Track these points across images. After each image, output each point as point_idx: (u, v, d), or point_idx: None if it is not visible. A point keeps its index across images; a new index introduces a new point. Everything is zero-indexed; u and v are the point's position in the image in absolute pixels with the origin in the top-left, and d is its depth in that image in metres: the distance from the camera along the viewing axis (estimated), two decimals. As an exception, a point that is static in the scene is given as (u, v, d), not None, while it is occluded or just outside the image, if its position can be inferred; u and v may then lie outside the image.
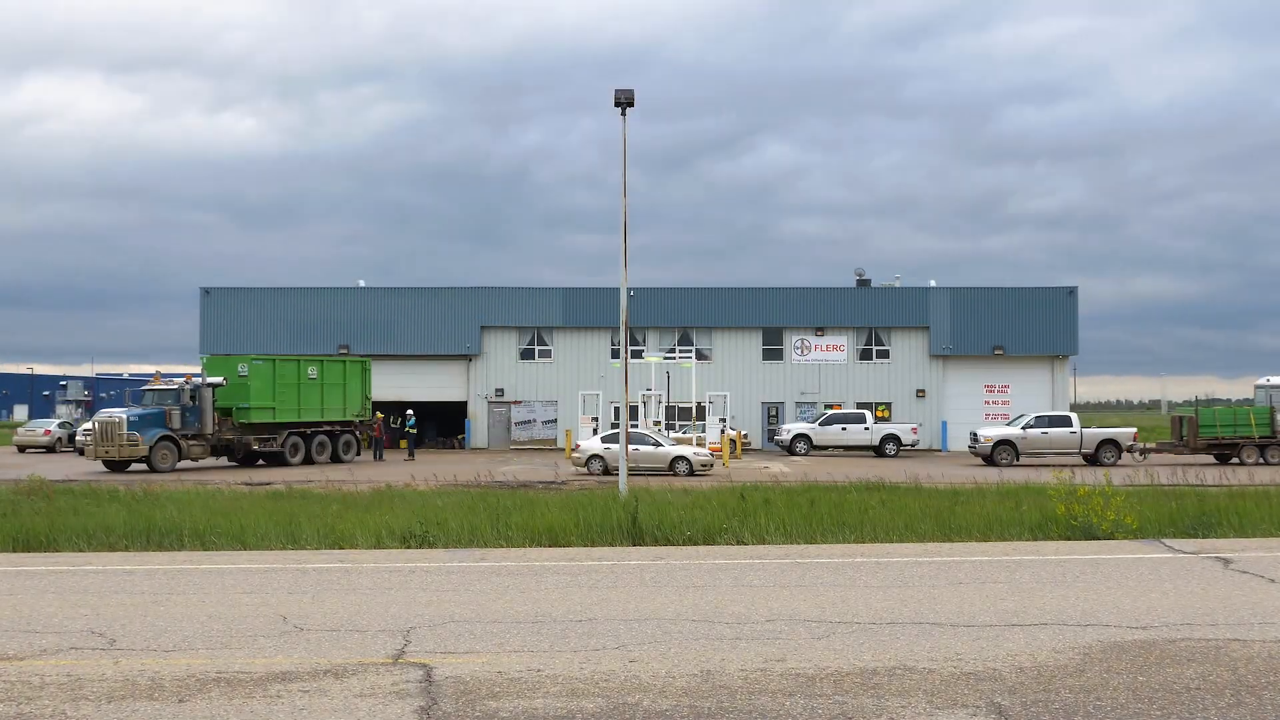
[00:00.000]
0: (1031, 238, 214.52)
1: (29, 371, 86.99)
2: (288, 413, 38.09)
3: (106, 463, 34.92)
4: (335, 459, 39.31)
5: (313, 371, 39.24)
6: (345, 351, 48.73)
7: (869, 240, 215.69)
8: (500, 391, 51.82)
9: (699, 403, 45.97)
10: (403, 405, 47.89)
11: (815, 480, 25.91)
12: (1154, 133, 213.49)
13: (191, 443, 35.82)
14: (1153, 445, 40.83)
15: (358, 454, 40.62)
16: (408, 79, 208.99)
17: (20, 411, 75.99)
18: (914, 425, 45.78)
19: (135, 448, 34.42)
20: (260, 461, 37.78)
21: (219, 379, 37.14)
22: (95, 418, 36.51)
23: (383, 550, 13.52)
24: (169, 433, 35.25)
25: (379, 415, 42.52)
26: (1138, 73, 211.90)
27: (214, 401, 36.43)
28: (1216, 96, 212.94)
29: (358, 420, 40.76)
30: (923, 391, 51.50)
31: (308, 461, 38.18)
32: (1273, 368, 63.99)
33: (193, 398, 36.06)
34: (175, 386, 36.74)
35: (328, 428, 39.48)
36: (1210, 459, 38.16)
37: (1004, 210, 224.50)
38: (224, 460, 38.05)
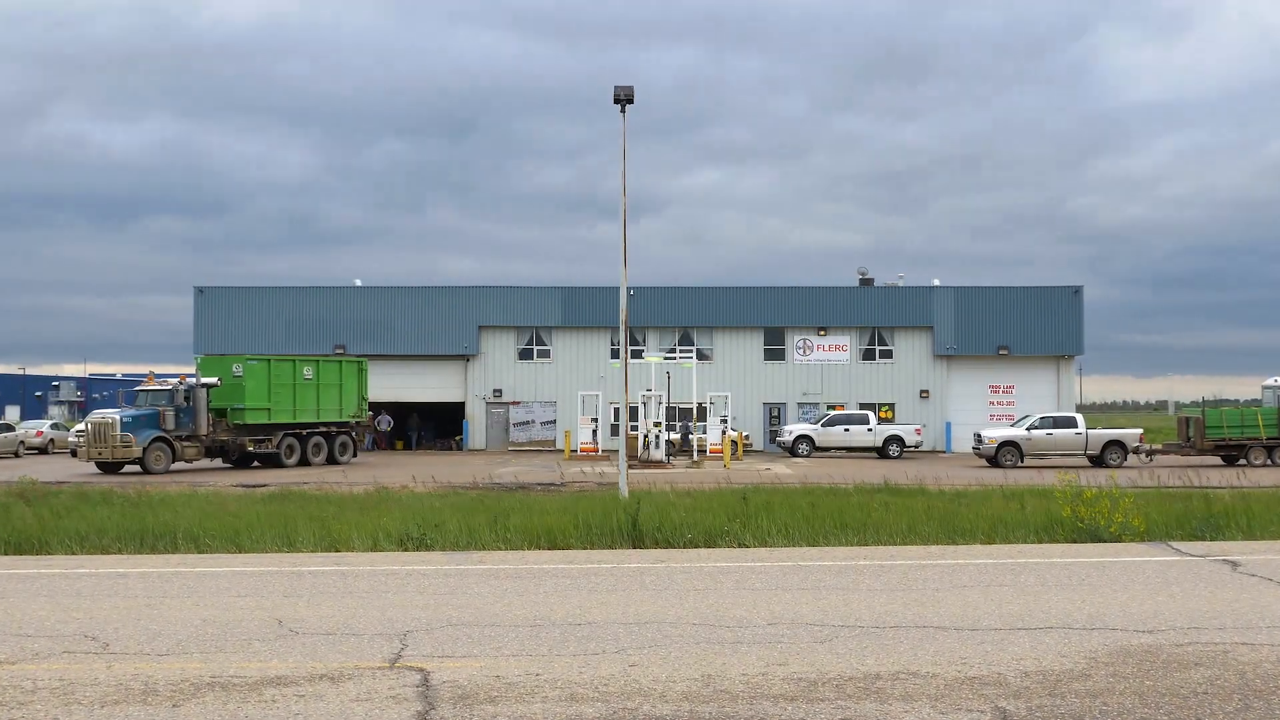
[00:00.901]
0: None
1: (21, 372, 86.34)
2: (283, 414, 37.90)
3: (100, 464, 34.76)
4: (331, 460, 39.18)
5: (308, 372, 39.06)
6: (341, 351, 48.76)
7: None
8: (498, 392, 51.70)
9: (700, 403, 45.87)
10: (386, 407, 49.20)
11: (818, 482, 25.82)
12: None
13: (186, 444, 35.62)
14: (1159, 446, 40.65)
15: (354, 455, 40.57)
16: None
17: (12, 412, 75.44)
18: (918, 426, 45.70)
19: (128, 449, 34.18)
20: (255, 463, 37.63)
21: (213, 379, 36.90)
22: (88, 419, 36.29)
23: (379, 553, 13.43)
24: (163, 434, 35.08)
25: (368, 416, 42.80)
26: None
27: (208, 402, 36.16)
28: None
29: (354, 421, 40.65)
30: (926, 392, 51.37)
31: (303, 463, 38.03)
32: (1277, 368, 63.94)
33: (187, 398, 35.85)
34: (169, 387, 36.53)
35: (324, 429, 39.29)
36: (1217, 460, 38.01)
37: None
38: (218, 462, 37.87)
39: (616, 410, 44.00)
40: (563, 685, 6.90)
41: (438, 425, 53.58)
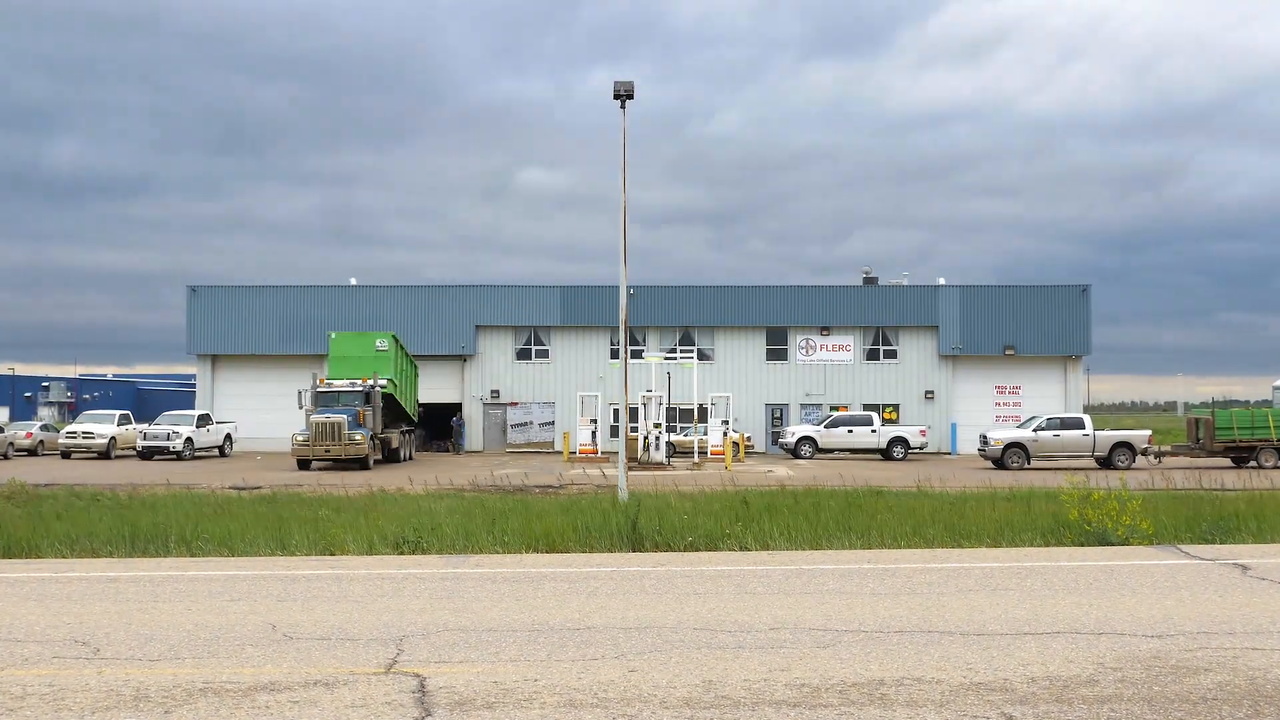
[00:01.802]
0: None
1: (11, 372, 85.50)
2: None
3: (302, 461, 36.68)
4: (408, 456, 42.24)
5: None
6: None
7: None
8: (496, 393, 51.57)
9: (701, 404, 45.73)
10: None
11: (820, 484, 25.69)
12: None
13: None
14: (1168, 448, 40.42)
15: (410, 455, 43.11)
16: None
17: (1, 414, 74.65)
18: (922, 427, 45.55)
19: (358, 446, 36.28)
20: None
21: (385, 380, 39.39)
22: (313, 419, 37.47)
23: (375, 556, 13.30)
24: (371, 431, 37.62)
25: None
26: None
27: (382, 401, 38.96)
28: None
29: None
30: (931, 393, 51.24)
31: (390, 459, 40.32)
32: None
33: (367, 399, 38.34)
34: (363, 388, 38.57)
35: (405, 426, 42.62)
36: (1227, 462, 37.84)
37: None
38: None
39: (616, 411, 43.90)
40: (561, 691, 6.79)
41: (433, 427, 53.29)
